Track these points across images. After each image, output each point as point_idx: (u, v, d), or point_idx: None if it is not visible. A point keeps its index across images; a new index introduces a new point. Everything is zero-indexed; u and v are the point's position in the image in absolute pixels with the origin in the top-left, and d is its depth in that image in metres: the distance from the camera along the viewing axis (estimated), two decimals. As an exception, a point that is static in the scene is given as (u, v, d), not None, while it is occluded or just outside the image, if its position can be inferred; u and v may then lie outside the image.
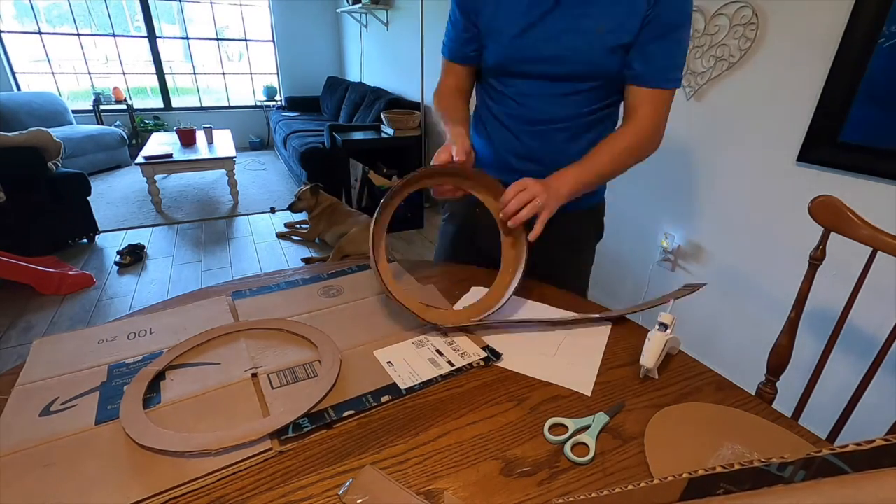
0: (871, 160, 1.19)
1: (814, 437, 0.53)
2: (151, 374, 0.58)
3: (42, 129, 2.60)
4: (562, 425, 0.53)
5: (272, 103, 5.59)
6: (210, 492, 0.45)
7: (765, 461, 0.28)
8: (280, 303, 0.77)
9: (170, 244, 2.92)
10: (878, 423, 1.05)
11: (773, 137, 1.40)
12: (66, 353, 0.64)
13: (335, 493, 0.45)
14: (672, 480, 0.32)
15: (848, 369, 1.25)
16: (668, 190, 1.77)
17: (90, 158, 4.21)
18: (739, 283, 1.58)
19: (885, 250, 0.74)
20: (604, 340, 0.71)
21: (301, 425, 0.51)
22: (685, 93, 1.63)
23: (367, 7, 3.93)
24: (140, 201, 3.61)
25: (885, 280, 1.17)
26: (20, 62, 4.54)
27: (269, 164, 4.86)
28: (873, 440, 0.23)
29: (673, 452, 0.50)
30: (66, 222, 2.76)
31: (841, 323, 0.81)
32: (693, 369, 0.65)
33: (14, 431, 0.51)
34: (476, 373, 0.63)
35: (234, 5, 5.25)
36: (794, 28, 1.31)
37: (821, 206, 0.80)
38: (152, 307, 0.77)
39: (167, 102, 5.28)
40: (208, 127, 4.05)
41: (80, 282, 2.36)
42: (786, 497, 0.27)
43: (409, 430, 0.53)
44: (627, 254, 2.01)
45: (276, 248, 2.92)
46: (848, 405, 0.82)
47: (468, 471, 0.48)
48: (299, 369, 0.61)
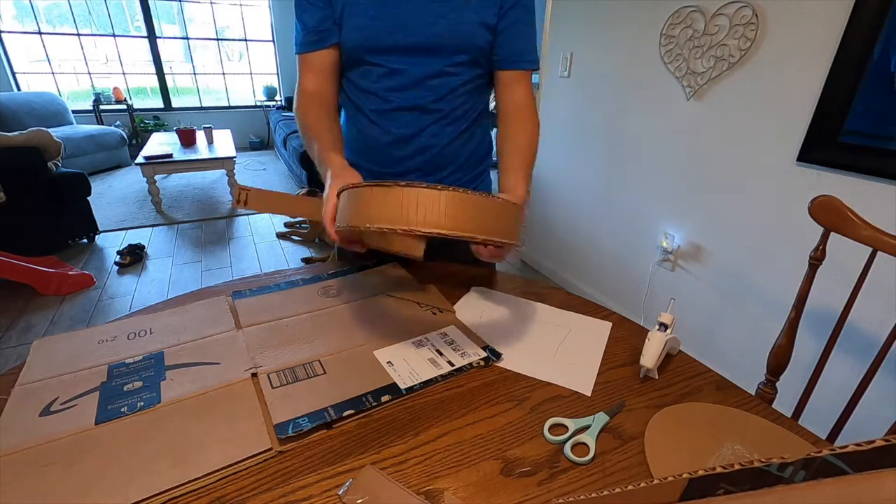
0: (871, 160, 1.19)
1: (814, 437, 0.53)
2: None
3: (42, 129, 2.60)
4: (562, 425, 0.53)
5: (272, 103, 5.59)
6: (210, 492, 0.45)
7: (765, 461, 0.28)
8: (280, 303, 0.77)
9: (170, 244, 2.92)
10: (878, 423, 1.05)
11: (773, 137, 1.40)
12: (66, 353, 0.64)
13: (335, 494, 0.45)
14: (672, 480, 0.32)
15: (848, 369, 1.25)
16: (668, 190, 1.77)
17: (90, 158, 4.22)
18: (739, 283, 1.59)
19: (885, 250, 0.74)
20: (604, 340, 0.71)
21: (301, 425, 0.51)
22: (685, 93, 1.63)
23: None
24: (140, 201, 3.62)
25: (885, 280, 1.17)
26: (20, 62, 4.54)
27: (269, 165, 4.86)
28: (873, 440, 0.23)
29: (673, 452, 0.50)
30: (66, 222, 2.76)
31: (841, 323, 0.81)
32: (693, 369, 0.65)
33: (14, 431, 0.50)
34: (476, 373, 0.63)
35: (234, 5, 5.25)
36: (794, 28, 1.31)
37: (821, 206, 0.80)
38: (152, 307, 0.77)
39: (167, 102, 5.28)
40: (208, 127, 4.05)
41: (80, 282, 2.37)
42: (786, 497, 0.27)
43: (409, 430, 0.53)
44: (627, 254, 2.01)
45: (276, 248, 2.92)
46: (848, 405, 0.82)
47: (468, 471, 0.48)
48: (299, 369, 0.61)
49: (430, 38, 0.79)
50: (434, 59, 0.81)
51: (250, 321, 0.72)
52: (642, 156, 1.84)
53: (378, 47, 0.80)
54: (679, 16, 1.60)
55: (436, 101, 0.84)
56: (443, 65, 0.81)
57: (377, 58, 0.81)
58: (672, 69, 1.66)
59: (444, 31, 0.79)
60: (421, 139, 0.87)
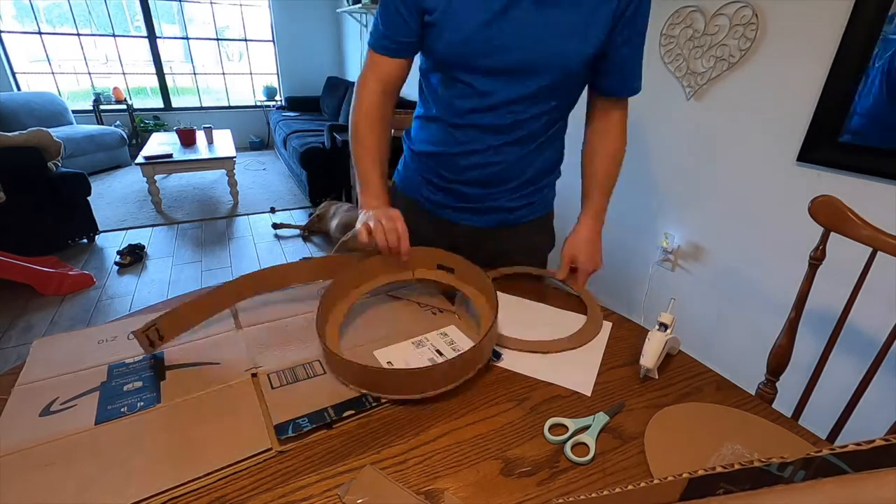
0: (871, 160, 1.19)
1: (814, 437, 0.53)
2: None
3: (42, 129, 2.60)
4: (562, 425, 0.53)
5: (272, 103, 5.59)
6: (210, 492, 0.45)
7: (765, 461, 0.28)
8: (280, 303, 0.77)
9: (170, 244, 2.92)
10: (878, 423, 1.05)
11: (773, 137, 1.40)
12: (65, 353, 0.64)
13: (335, 494, 0.45)
14: (672, 480, 0.32)
15: (848, 369, 1.25)
16: (668, 190, 1.77)
17: (90, 158, 4.21)
18: (739, 283, 1.58)
19: (885, 250, 0.74)
20: (604, 340, 0.71)
21: (301, 425, 0.51)
22: (685, 93, 1.63)
23: (367, 7, 3.92)
24: (140, 201, 3.61)
25: (885, 280, 1.17)
26: (20, 62, 4.54)
27: (269, 165, 4.86)
28: (873, 440, 0.23)
29: (673, 452, 0.50)
30: (66, 222, 2.76)
31: (841, 323, 0.81)
32: (693, 369, 0.65)
33: (14, 431, 0.51)
34: (476, 372, 0.63)
35: (234, 5, 5.25)
36: (794, 28, 1.31)
37: (821, 206, 0.80)
38: (152, 307, 0.77)
39: (167, 102, 5.28)
40: (208, 127, 4.04)
41: (80, 282, 2.36)
42: (786, 497, 0.27)
43: (409, 430, 0.53)
44: (627, 254, 2.00)
45: (276, 248, 2.92)
46: (848, 405, 0.82)
47: (468, 471, 0.48)
48: (299, 369, 0.61)
49: (527, 63, 0.75)
50: (524, 83, 0.77)
51: (250, 321, 0.72)
52: (642, 156, 1.84)
53: (469, 66, 0.77)
54: (679, 16, 1.60)
55: (514, 125, 0.81)
56: (532, 89, 0.77)
57: (465, 76, 0.78)
58: (672, 69, 1.66)
59: (541, 58, 0.74)
60: (489, 155, 0.84)
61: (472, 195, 0.90)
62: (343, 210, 2.87)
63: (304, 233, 3.09)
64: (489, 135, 0.82)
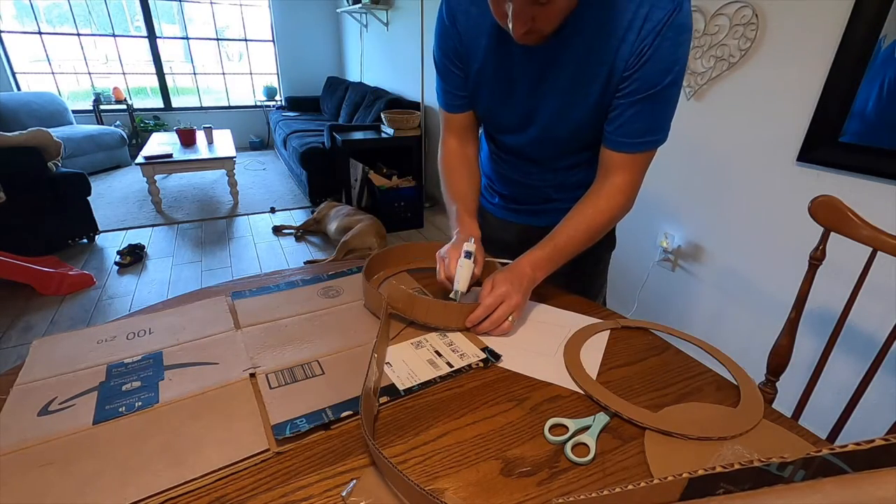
0: (871, 160, 1.19)
1: (814, 437, 0.53)
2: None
3: (42, 129, 2.60)
4: (562, 425, 0.53)
5: (272, 103, 5.59)
6: (209, 492, 0.45)
7: (765, 461, 0.28)
8: (280, 303, 0.77)
9: (170, 244, 2.92)
10: (878, 423, 1.05)
11: (773, 137, 1.40)
12: (65, 352, 0.64)
13: (335, 494, 0.45)
14: (672, 480, 0.32)
15: (848, 369, 1.25)
16: (667, 190, 1.77)
17: (90, 158, 4.21)
18: (739, 283, 1.58)
19: (885, 250, 0.74)
20: (604, 340, 0.71)
21: (298, 425, 0.51)
22: (685, 93, 1.63)
23: (367, 7, 3.93)
24: (140, 201, 3.62)
25: (885, 280, 1.17)
26: (20, 62, 4.54)
27: (269, 164, 4.86)
28: (873, 440, 0.23)
29: (673, 452, 0.50)
30: (66, 222, 2.76)
31: (841, 323, 0.81)
32: (693, 369, 0.65)
33: (12, 431, 0.50)
34: (476, 373, 0.63)
35: (234, 5, 5.25)
36: (794, 28, 1.31)
37: (821, 206, 0.80)
38: (152, 307, 0.77)
39: (167, 102, 5.28)
40: (208, 127, 4.05)
41: (80, 282, 2.36)
42: (786, 497, 0.27)
43: (409, 430, 0.53)
44: (627, 254, 2.00)
45: (276, 248, 2.92)
46: (848, 405, 0.82)
47: (468, 471, 0.48)
48: (298, 370, 0.61)
49: (543, 131, 0.80)
50: (547, 148, 0.84)
51: (249, 321, 0.72)
52: (642, 156, 1.84)
53: (499, 129, 0.87)
54: (679, 16, 1.60)
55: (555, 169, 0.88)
56: (557, 151, 0.84)
57: (499, 136, 0.88)
58: (672, 69, 1.66)
59: (555, 125, 0.78)
60: (535, 179, 0.91)
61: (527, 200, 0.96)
62: (343, 213, 2.87)
63: (297, 232, 3.10)
64: (538, 168, 0.89)
